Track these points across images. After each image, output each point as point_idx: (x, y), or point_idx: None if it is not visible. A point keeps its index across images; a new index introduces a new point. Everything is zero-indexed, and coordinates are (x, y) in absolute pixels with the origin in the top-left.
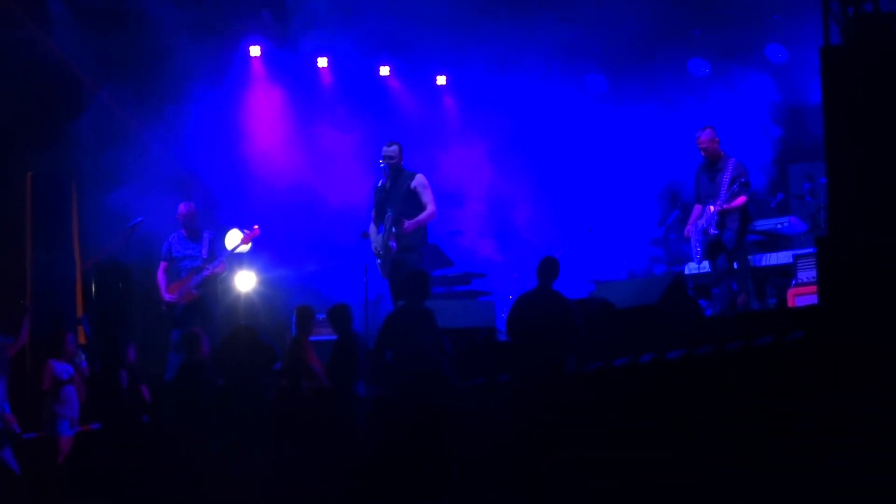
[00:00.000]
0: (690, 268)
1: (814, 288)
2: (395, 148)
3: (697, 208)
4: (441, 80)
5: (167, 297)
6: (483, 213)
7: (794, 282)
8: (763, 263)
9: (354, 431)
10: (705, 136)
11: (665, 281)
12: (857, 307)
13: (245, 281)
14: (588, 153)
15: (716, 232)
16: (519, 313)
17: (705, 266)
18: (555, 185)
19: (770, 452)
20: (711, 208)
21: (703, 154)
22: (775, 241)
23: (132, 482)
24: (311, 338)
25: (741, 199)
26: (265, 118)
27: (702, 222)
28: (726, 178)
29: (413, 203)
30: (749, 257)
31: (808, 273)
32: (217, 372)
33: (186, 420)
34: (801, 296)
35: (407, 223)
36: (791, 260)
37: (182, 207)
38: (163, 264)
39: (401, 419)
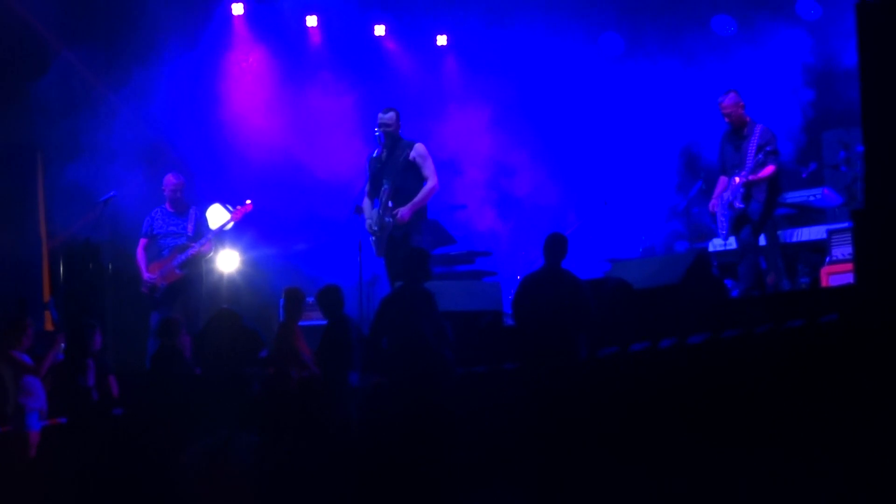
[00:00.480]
0: (715, 244)
1: (849, 266)
2: (391, 115)
3: (722, 180)
4: (441, 39)
5: (147, 276)
6: (488, 186)
7: (827, 259)
8: (794, 239)
9: (347, 424)
10: (729, 101)
11: (687, 259)
12: None
13: (228, 261)
14: (602, 118)
15: (742, 205)
16: (525, 295)
17: (731, 243)
18: (566, 153)
19: (801, 444)
20: (737, 179)
21: (727, 121)
22: (807, 215)
23: (104, 479)
24: (301, 323)
25: (769, 169)
26: (247, 83)
27: (727, 195)
28: (752, 145)
29: (412, 175)
30: (779, 232)
31: (843, 249)
32: (197, 360)
33: (161, 413)
34: (836, 274)
35: (403, 211)
36: (825, 235)
37: (169, 179)
38: (143, 241)
39: (397, 411)
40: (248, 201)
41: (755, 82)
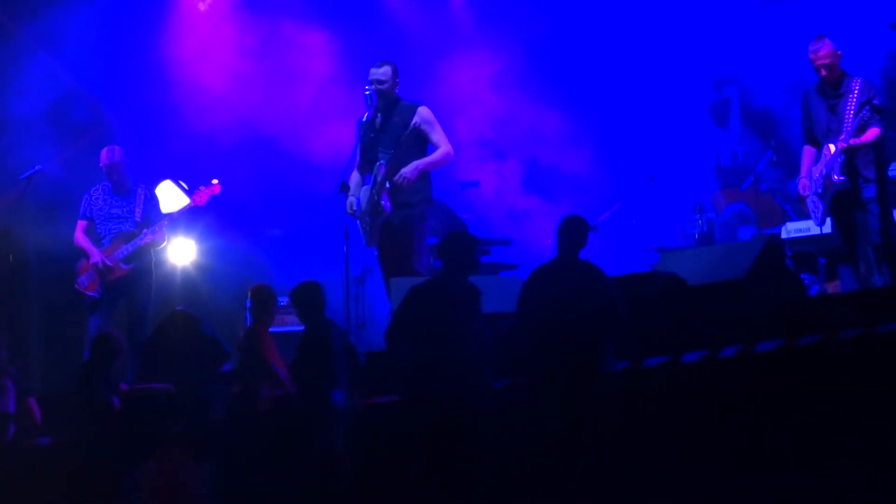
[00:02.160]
0: (789, 230)
1: None
2: (386, 70)
3: (809, 151)
4: None
5: (97, 257)
6: (505, 157)
7: None
8: None
9: (330, 454)
10: (825, 49)
11: (754, 248)
12: None
13: (182, 251)
14: (645, 69)
15: (842, 178)
16: (533, 292)
17: (827, 227)
18: (602, 115)
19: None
20: (833, 147)
21: (820, 74)
22: None
23: None
24: (272, 328)
25: (875, 131)
26: (204, 32)
27: (820, 168)
28: (852, 103)
29: (415, 146)
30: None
31: None
32: (145, 375)
33: (94, 444)
34: None
35: (408, 171)
36: None
37: (105, 153)
38: (82, 223)
39: (416, 434)
40: (215, 181)
41: (828, 24)
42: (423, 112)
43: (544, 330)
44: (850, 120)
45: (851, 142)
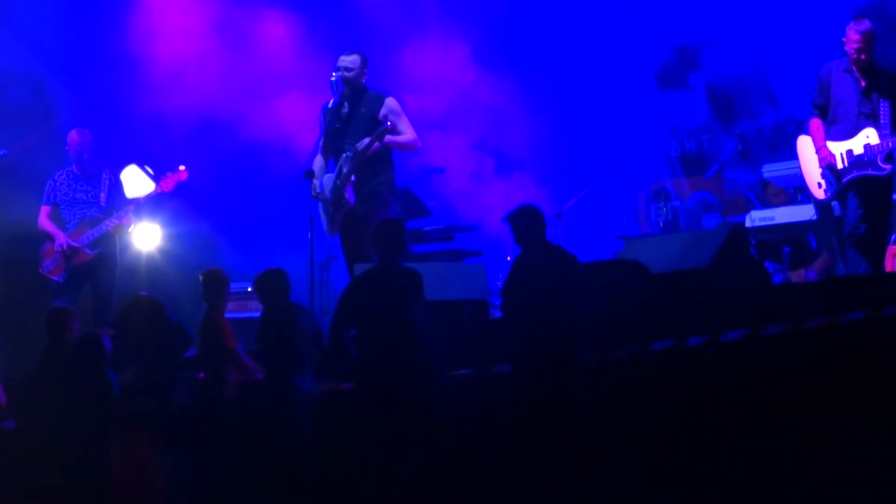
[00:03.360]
0: (753, 218)
1: None
2: (355, 58)
3: (818, 124)
4: None
5: (64, 240)
6: (471, 144)
7: (893, 237)
8: None
9: (298, 440)
10: (867, 30)
11: (718, 236)
12: None
13: (146, 237)
14: (610, 58)
15: (888, 165)
16: (513, 280)
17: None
18: (569, 102)
19: (858, 458)
20: (874, 132)
21: (858, 56)
22: None
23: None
24: (235, 314)
25: None
26: (170, 13)
27: (848, 147)
28: (888, 94)
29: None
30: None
31: None
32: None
33: (62, 429)
34: None
35: (375, 144)
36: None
37: (73, 136)
38: (46, 209)
39: (369, 424)
40: (182, 167)
41: (796, 8)
42: (391, 103)
43: (520, 317)
44: (887, 111)
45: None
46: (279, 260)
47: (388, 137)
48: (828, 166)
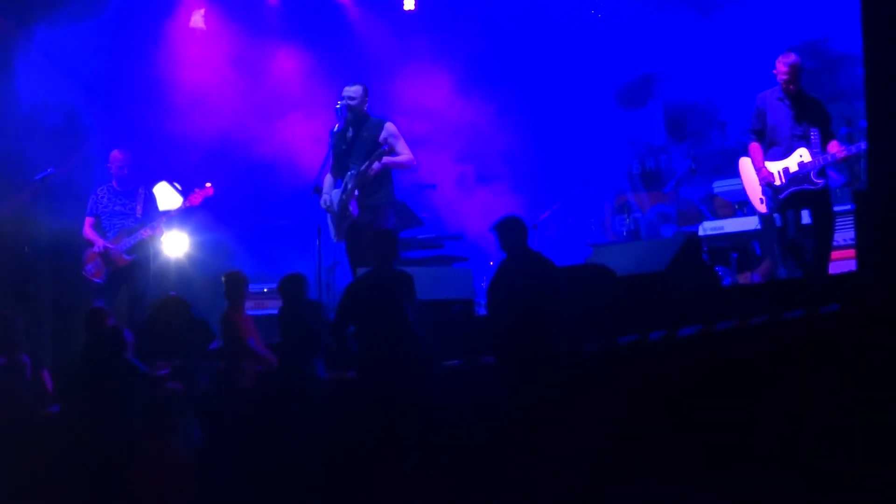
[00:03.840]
0: (705, 228)
1: (852, 252)
2: (357, 89)
3: (757, 147)
4: (409, 3)
5: (102, 244)
6: (459, 164)
7: (840, 242)
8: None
9: (312, 422)
10: (796, 63)
11: (675, 244)
12: None
13: (175, 244)
14: (584, 90)
15: (822, 181)
16: (496, 282)
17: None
18: (544, 129)
19: (799, 442)
20: (807, 151)
21: (787, 85)
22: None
23: (42, 479)
24: (254, 312)
25: (836, 144)
26: (193, 47)
27: (784, 165)
28: (816, 117)
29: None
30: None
31: (844, 234)
32: (141, 352)
33: (97, 411)
34: (837, 261)
35: (375, 164)
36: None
37: (115, 154)
38: (89, 220)
39: (374, 408)
40: (209, 184)
41: (741, 47)
42: (389, 127)
43: (503, 314)
44: (817, 132)
45: (840, 154)
46: (291, 265)
47: (386, 158)
48: (767, 184)
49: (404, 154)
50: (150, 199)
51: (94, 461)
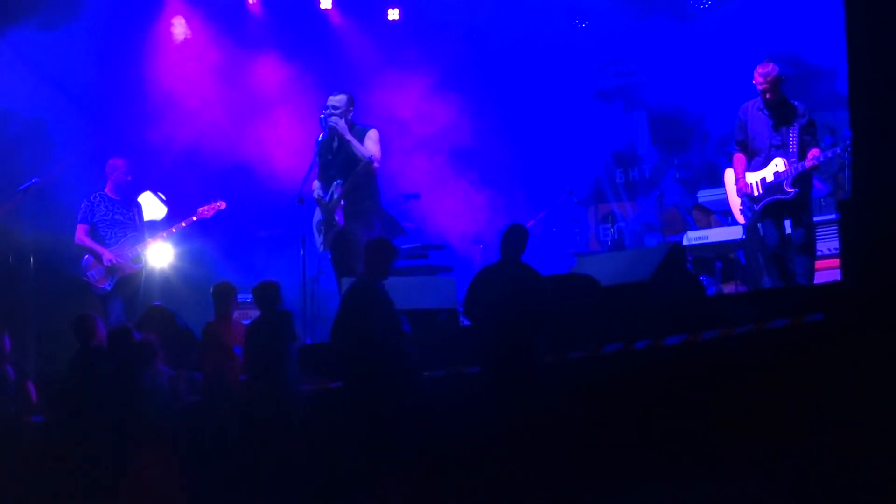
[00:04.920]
0: (689, 238)
1: (836, 261)
2: (341, 98)
3: (741, 158)
4: (393, 14)
5: (110, 257)
6: (443, 174)
7: (825, 251)
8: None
9: (287, 433)
10: (774, 73)
11: (659, 253)
12: (887, 283)
13: (160, 255)
14: (569, 101)
15: (796, 190)
16: (479, 290)
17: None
18: (529, 140)
19: (784, 450)
20: (783, 161)
21: (764, 95)
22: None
23: (26, 489)
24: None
25: (815, 152)
26: (178, 57)
27: (762, 175)
28: (794, 125)
29: (367, 171)
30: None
31: (829, 244)
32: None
33: (84, 420)
34: (821, 271)
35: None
36: None
37: (115, 162)
38: (84, 227)
39: (350, 416)
40: (222, 201)
41: (725, 55)
42: (372, 133)
43: (486, 322)
44: (795, 140)
45: (809, 163)
46: (275, 274)
47: (351, 137)
48: (745, 195)
49: (369, 150)
50: (142, 210)
51: (85, 471)
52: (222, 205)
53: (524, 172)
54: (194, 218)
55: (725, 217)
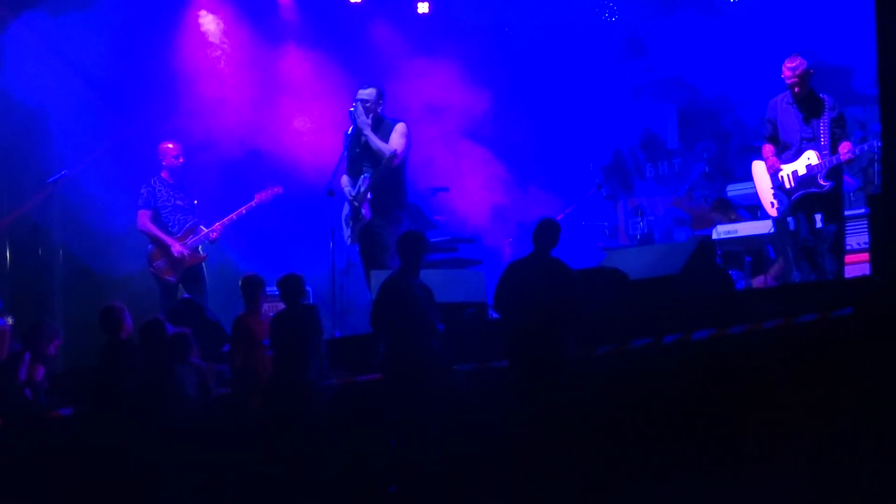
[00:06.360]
0: (719, 232)
1: (865, 256)
2: (371, 91)
3: (770, 149)
4: (423, 7)
5: (179, 248)
6: (472, 167)
7: (856, 246)
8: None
9: (310, 430)
10: (802, 67)
11: (688, 247)
12: None
13: None
14: (599, 95)
15: (831, 183)
16: (508, 284)
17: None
18: (559, 133)
19: (812, 446)
20: (815, 154)
21: (793, 89)
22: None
23: (53, 481)
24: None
25: (847, 145)
26: (207, 49)
27: (794, 168)
28: (825, 119)
29: (396, 164)
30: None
31: (858, 238)
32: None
33: (111, 414)
34: (851, 265)
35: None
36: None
37: (169, 147)
38: (146, 213)
39: (388, 411)
40: (279, 186)
41: (754, 50)
42: (399, 126)
43: (515, 316)
44: (826, 133)
45: (844, 157)
46: (305, 267)
47: (371, 133)
48: (778, 188)
49: (392, 144)
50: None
51: (112, 464)
52: (280, 189)
53: (553, 166)
54: (253, 203)
55: (748, 213)
